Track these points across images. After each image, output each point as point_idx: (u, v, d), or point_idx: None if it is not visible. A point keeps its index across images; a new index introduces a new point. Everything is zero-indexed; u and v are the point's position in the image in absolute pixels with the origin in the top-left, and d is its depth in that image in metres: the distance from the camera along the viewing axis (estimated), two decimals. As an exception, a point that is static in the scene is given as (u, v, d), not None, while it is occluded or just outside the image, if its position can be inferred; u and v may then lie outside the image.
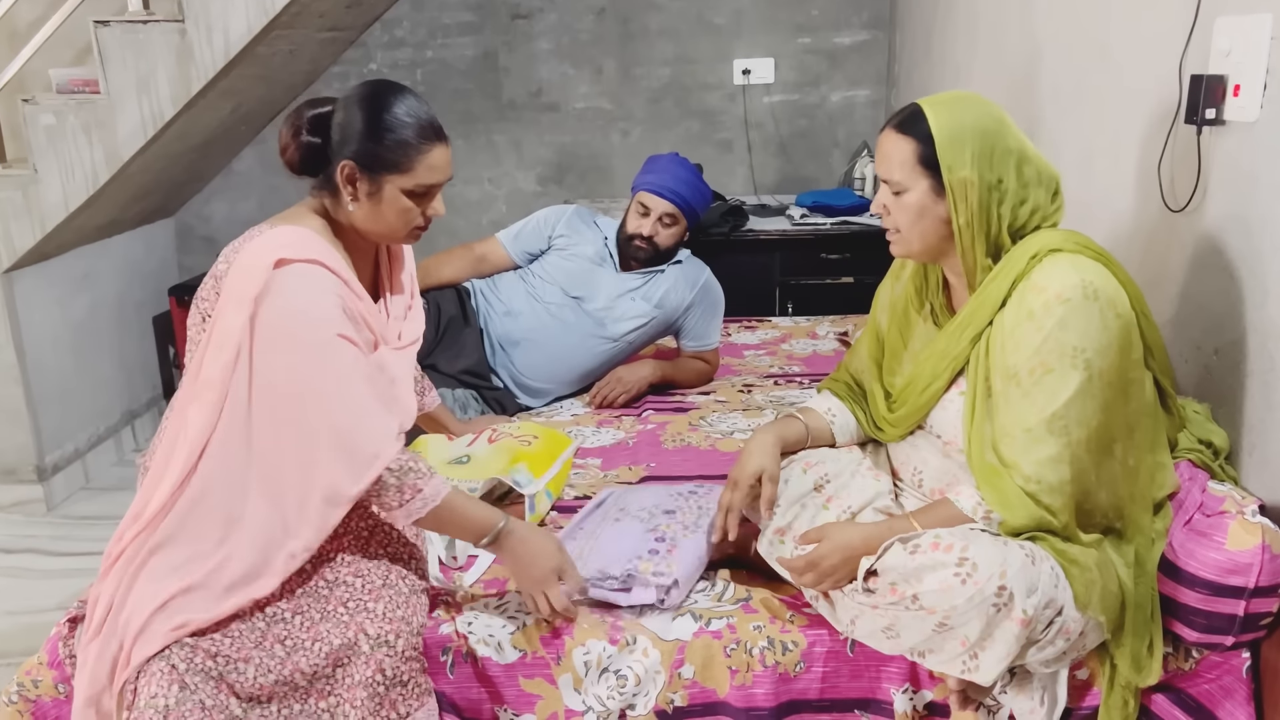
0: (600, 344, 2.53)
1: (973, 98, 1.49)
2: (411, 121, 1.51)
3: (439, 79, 4.06)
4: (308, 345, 1.43)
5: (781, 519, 1.60)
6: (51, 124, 3.03)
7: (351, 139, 1.50)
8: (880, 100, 3.99)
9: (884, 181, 1.51)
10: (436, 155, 1.53)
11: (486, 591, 1.66)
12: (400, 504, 1.46)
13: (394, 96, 1.51)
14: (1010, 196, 1.44)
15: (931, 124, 1.44)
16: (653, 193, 2.52)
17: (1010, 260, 1.45)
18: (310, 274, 1.46)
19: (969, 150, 1.42)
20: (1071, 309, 1.37)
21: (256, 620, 1.43)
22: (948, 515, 1.44)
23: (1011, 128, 1.46)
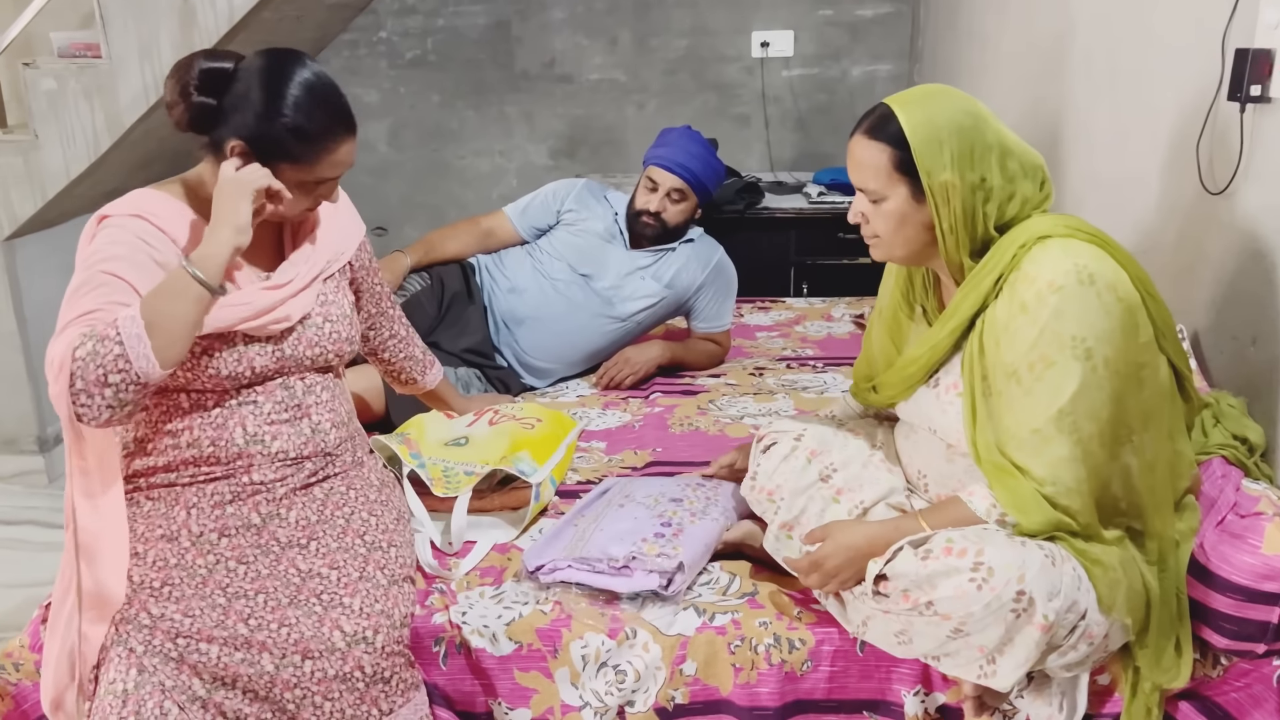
0: (608, 324, 2.46)
1: (944, 92, 1.39)
2: (318, 110, 1.39)
3: (450, 48, 3.97)
4: (87, 254, 1.36)
5: (787, 512, 1.54)
6: (52, 89, 2.96)
7: (247, 116, 1.38)
8: (903, 75, 3.88)
9: (859, 190, 1.42)
10: (343, 150, 1.43)
11: (482, 580, 1.60)
12: (118, 351, 1.24)
13: (300, 76, 1.38)
14: (996, 194, 1.36)
15: (904, 125, 1.34)
16: (661, 167, 2.44)
17: (997, 252, 1.37)
18: (124, 225, 1.39)
19: (947, 151, 1.33)
20: (1066, 297, 1.28)
21: (216, 597, 1.38)
22: (959, 516, 1.37)
23: (989, 120, 1.36)
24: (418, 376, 1.92)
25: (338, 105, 1.41)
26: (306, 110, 1.38)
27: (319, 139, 1.40)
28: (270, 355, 1.49)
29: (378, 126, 4.09)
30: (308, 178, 1.43)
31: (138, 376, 1.27)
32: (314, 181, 1.44)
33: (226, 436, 1.47)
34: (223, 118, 1.40)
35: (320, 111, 1.39)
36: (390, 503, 1.61)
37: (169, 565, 1.42)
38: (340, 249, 1.62)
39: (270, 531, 1.47)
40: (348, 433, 1.62)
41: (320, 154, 1.41)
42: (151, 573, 1.41)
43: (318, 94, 1.39)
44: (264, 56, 1.41)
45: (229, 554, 1.44)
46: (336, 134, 1.41)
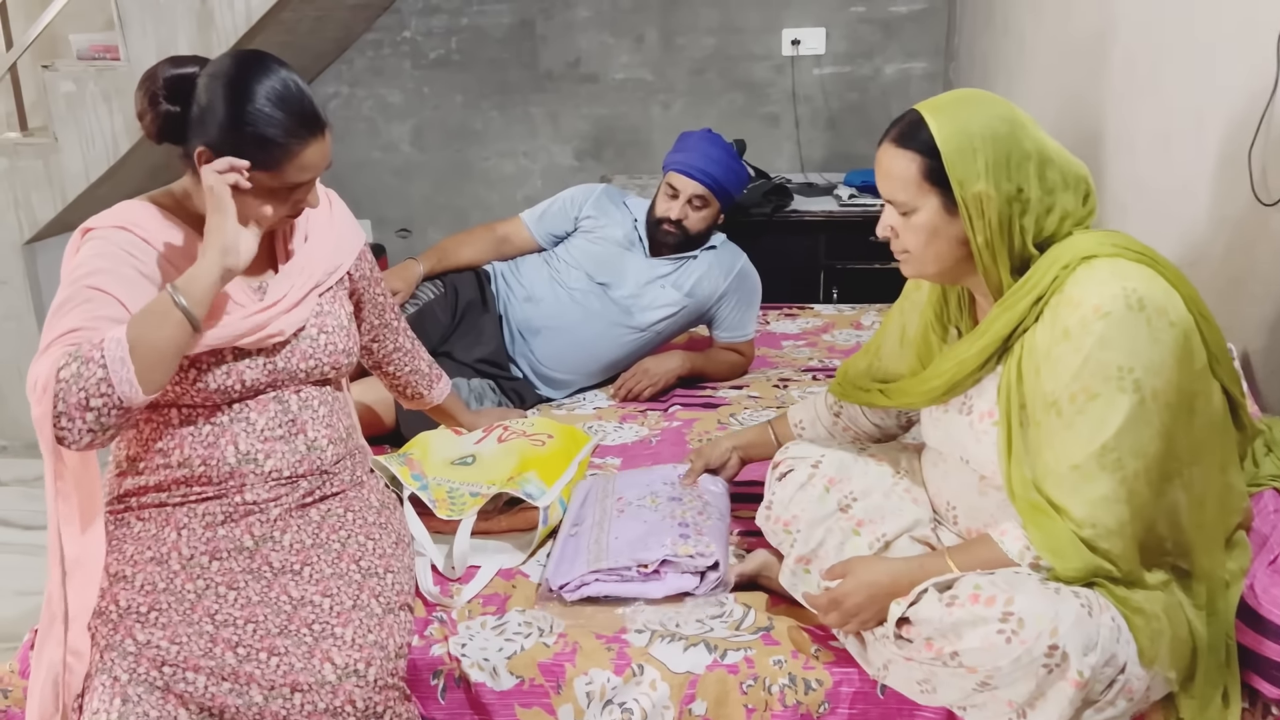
0: (626, 334, 2.38)
1: (979, 97, 1.30)
2: (280, 115, 1.31)
3: (474, 47, 3.91)
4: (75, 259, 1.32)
5: (804, 545, 1.45)
6: (71, 91, 2.95)
7: (210, 124, 1.32)
8: (938, 74, 3.76)
9: (888, 202, 1.34)
10: (310, 154, 1.36)
11: (484, 608, 1.53)
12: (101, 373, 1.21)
13: (262, 80, 1.32)
14: (1034, 206, 1.26)
15: (935, 133, 1.26)
16: (681, 173, 2.35)
17: (1036, 271, 1.27)
18: (108, 237, 1.34)
19: (981, 160, 1.24)
20: (1113, 323, 1.19)
21: (204, 624, 1.33)
22: (989, 558, 1.28)
23: (1027, 127, 1.27)
24: (424, 391, 1.85)
25: (300, 108, 1.34)
26: (267, 115, 1.32)
27: (282, 144, 1.33)
28: (261, 368, 1.44)
29: (401, 127, 4.04)
30: (278, 184, 1.36)
31: (120, 401, 1.23)
32: (286, 188, 1.38)
33: (218, 455, 1.42)
34: (190, 126, 1.35)
35: (282, 115, 1.32)
36: (390, 526, 1.55)
37: (157, 589, 1.36)
38: (338, 261, 1.56)
39: (263, 555, 1.42)
40: (346, 449, 1.56)
41: (285, 159, 1.34)
42: (139, 597, 1.36)
43: (279, 97, 1.33)
44: (227, 60, 1.36)
45: (219, 578, 1.39)
46: (300, 138, 1.34)
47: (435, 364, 1.88)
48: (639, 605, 1.53)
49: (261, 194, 1.36)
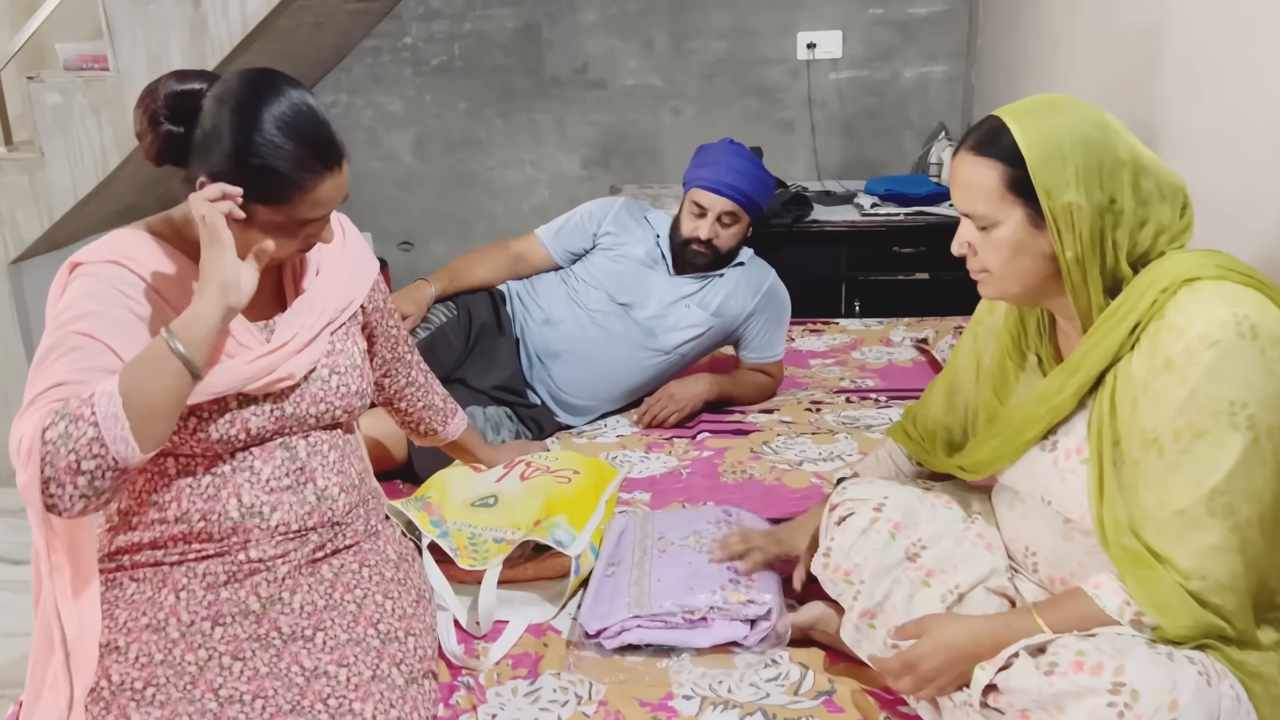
0: (650, 356, 2.25)
1: (1064, 101, 1.19)
2: (292, 146, 1.18)
3: (477, 53, 3.78)
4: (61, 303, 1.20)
5: (869, 598, 1.32)
6: (59, 103, 2.81)
7: (215, 152, 1.19)
8: (958, 77, 3.64)
9: (965, 216, 1.22)
10: (325, 188, 1.22)
11: (514, 671, 1.40)
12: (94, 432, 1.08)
13: (273, 106, 1.19)
14: (1127, 219, 1.15)
15: (1019, 139, 1.15)
16: (708, 189, 2.21)
17: (1133, 294, 1.15)
18: (98, 274, 1.21)
19: (1071, 168, 1.13)
20: (1222, 353, 1.07)
21: (207, 701, 1.20)
22: (1084, 614, 1.15)
23: (1119, 132, 1.16)
24: (438, 427, 1.72)
25: (315, 139, 1.21)
26: (278, 146, 1.18)
27: (294, 179, 1.20)
28: (268, 415, 1.30)
29: (402, 136, 3.90)
30: (287, 219, 1.23)
31: (115, 462, 1.10)
32: (297, 223, 1.24)
33: (220, 509, 1.28)
34: (193, 150, 1.22)
35: (294, 146, 1.19)
36: (409, 581, 1.41)
37: (154, 662, 1.23)
38: (351, 295, 1.43)
39: (271, 619, 1.28)
40: (359, 496, 1.42)
41: (297, 194, 1.21)
42: (134, 671, 1.22)
43: (291, 126, 1.19)
44: (237, 81, 1.22)
45: (223, 648, 1.25)
46: (315, 171, 1.21)
47: (450, 397, 1.74)
48: (684, 658, 1.40)
49: (270, 230, 1.22)
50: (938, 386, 1.50)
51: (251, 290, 1.21)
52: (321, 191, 1.22)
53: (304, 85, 1.25)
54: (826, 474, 1.96)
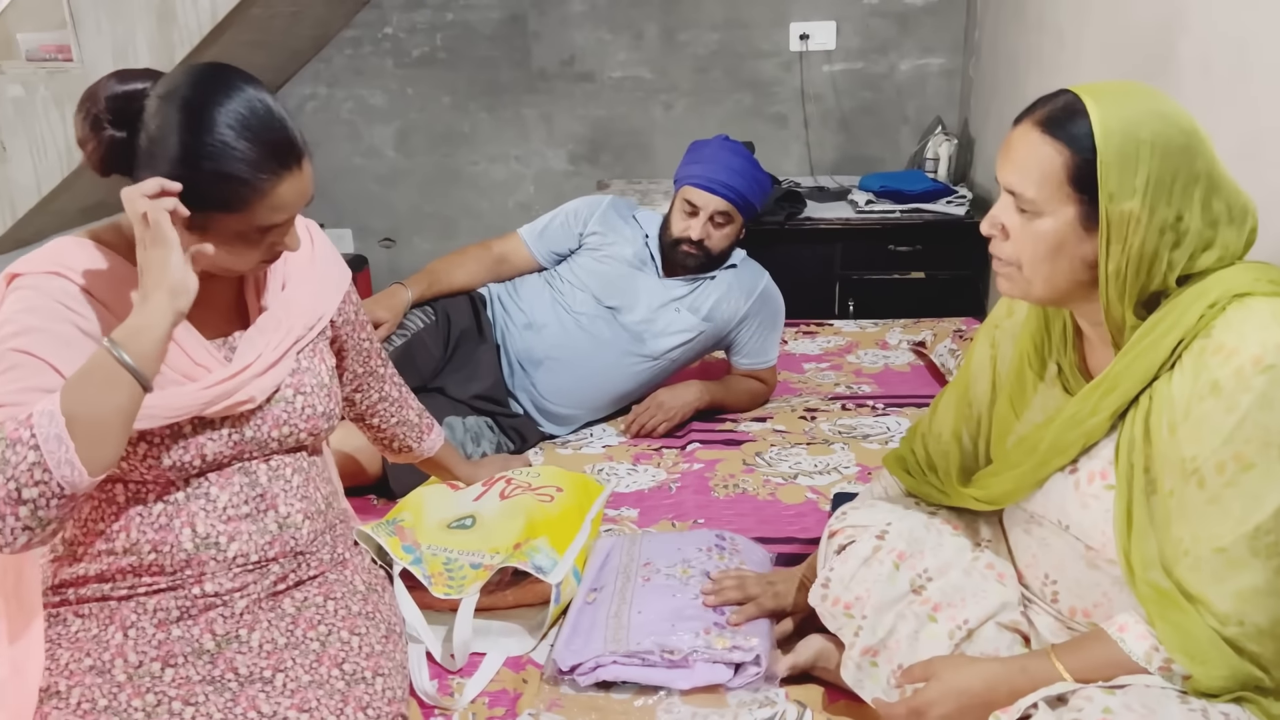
0: (638, 363, 2.15)
1: (1151, 94, 1.06)
2: (245, 147, 1.07)
3: (461, 44, 3.67)
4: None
5: (871, 634, 1.23)
6: (20, 96, 2.71)
7: (162, 157, 1.08)
8: (956, 70, 3.54)
9: (1009, 192, 1.09)
10: (285, 191, 1.12)
11: (491, 711, 1.30)
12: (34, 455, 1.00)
13: (223, 103, 1.08)
14: (1190, 240, 1.03)
15: (1097, 129, 1.01)
16: (700, 187, 2.11)
17: (1176, 309, 1.04)
18: (38, 286, 1.11)
19: (1144, 173, 1.01)
20: (1277, 379, 0.97)
21: None
22: (1108, 660, 1.06)
23: (1204, 143, 1.04)
24: (413, 444, 1.61)
25: (271, 137, 1.10)
26: (230, 147, 1.07)
27: (250, 181, 1.09)
28: (226, 439, 1.20)
29: (384, 130, 3.79)
30: (247, 227, 1.12)
31: (60, 488, 1.01)
32: (257, 230, 1.14)
33: (172, 539, 1.18)
34: (138, 156, 1.11)
35: (247, 146, 1.08)
36: (378, 614, 1.31)
37: (97, 708, 1.13)
38: (320, 310, 1.32)
39: (227, 660, 1.19)
40: (325, 523, 1.32)
41: (255, 198, 1.10)
42: (74, 718, 1.12)
43: (244, 124, 1.08)
44: (183, 78, 1.11)
45: (173, 691, 1.15)
46: (272, 173, 1.10)
47: (425, 412, 1.63)
48: (673, 696, 1.31)
49: (230, 240, 1.12)
50: (947, 399, 1.39)
51: (194, 289, 1.09)
52: (281, 194, 1.11)
53: (258, 81, 1.14)
54: (822, 488, 1.86)
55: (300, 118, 3.70)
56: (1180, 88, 1.95)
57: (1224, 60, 1.80)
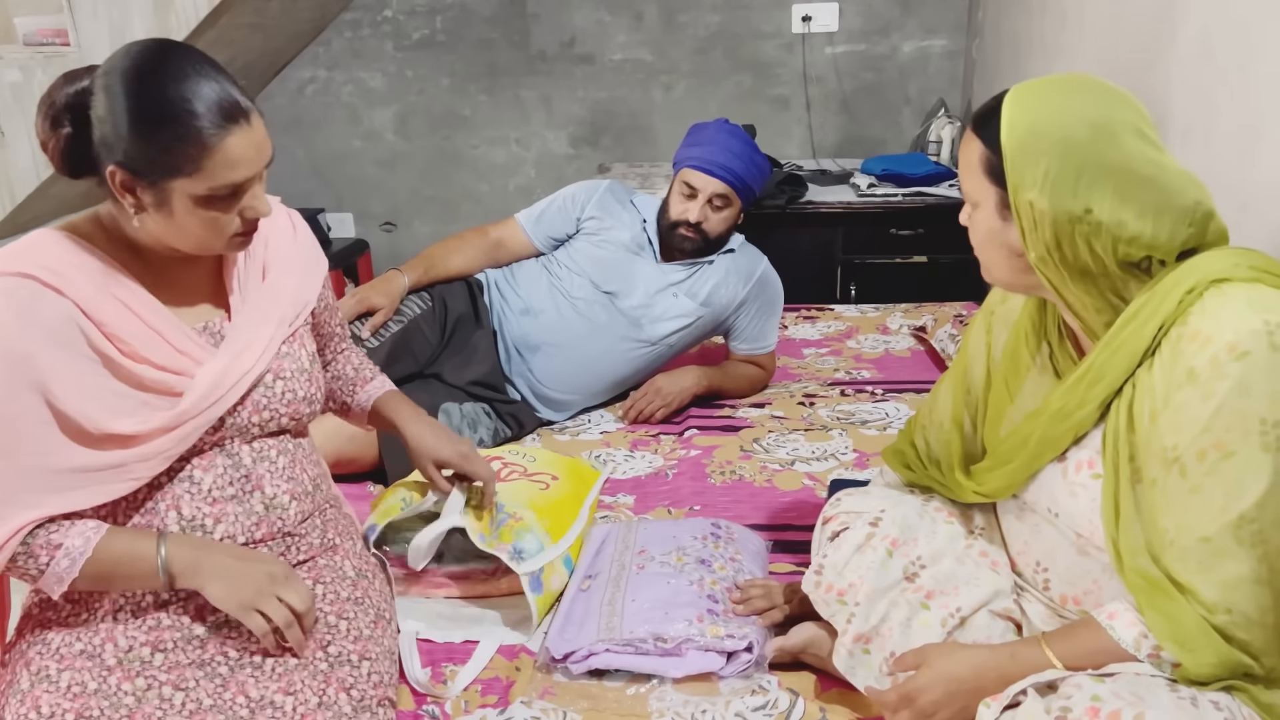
0: (636, 348, 2.14)
1: (1078, 86, 1.08)
2: (189, 104, 1.07)
3: (460, 27, 3.65)
4: None
5: (863, 621, 1.23)
6: (18, 80, 2.70)
7: (111, 134, 1.08)
8: (959, 52, 3.51)
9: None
10: (235, 145, 1.11)
11: (484, 699, 1.30)
12: (39, 570, 1.14)
13: (160, 69, 1.09)
14: (1105, 231, 1.04)
15: (1004, 123, 1.07)
16: (700, 170, 2.10)
17: (1156, 294, 1.04)
18: (11, 294, 1.08)
19: (1041, 166, 1.04)
20: (1253, 365, 0.96)
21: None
22: (1097, 647, 1.06)
23: (1120, 136, 1.04)
24: (347, 399, 1.54)
25: (211, 94, 1.10)
26: (174, 110, 1.07)
27: (199, 142, 1.08)
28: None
29: (384, 113, 3.78)
30: (207, 189, 1.11)
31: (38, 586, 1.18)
32: (223, 194, 1.12)
33: (158, 523, 1.19)
34: (96, 146, 1.11)
35: (189, 104, 1.08)
36: (367, 600, 1.32)
37: (87, 692, 1.14)
38: (305, 298, 1.33)
39: (217, 645, 1.19)
40: (314, 505, 1.32)
41: (204, 156, 1.09)
42: (64, 702, 1.12)
43: (181, 84, 1.08)
44: (119, 58, 1.11)
45: (164, 676, 1.16)
46: (217, 125, 1.09)
47: (365, 367, 1.54)
48: (666, 684, 1.31)
49: (194, 207, 1.12)
50: (946, 386, 1.39)
51: None
52: (230, 148, 1.10)
53: (193, 47, 1.14)
54: (819, 474, 1.86)
55: (300, 101, 3.70)
56: (1182, 73, 1.93)
57: (1225, 43, 1.78)
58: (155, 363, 1.16)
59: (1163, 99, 2.00)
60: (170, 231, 1.14)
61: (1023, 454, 1.18)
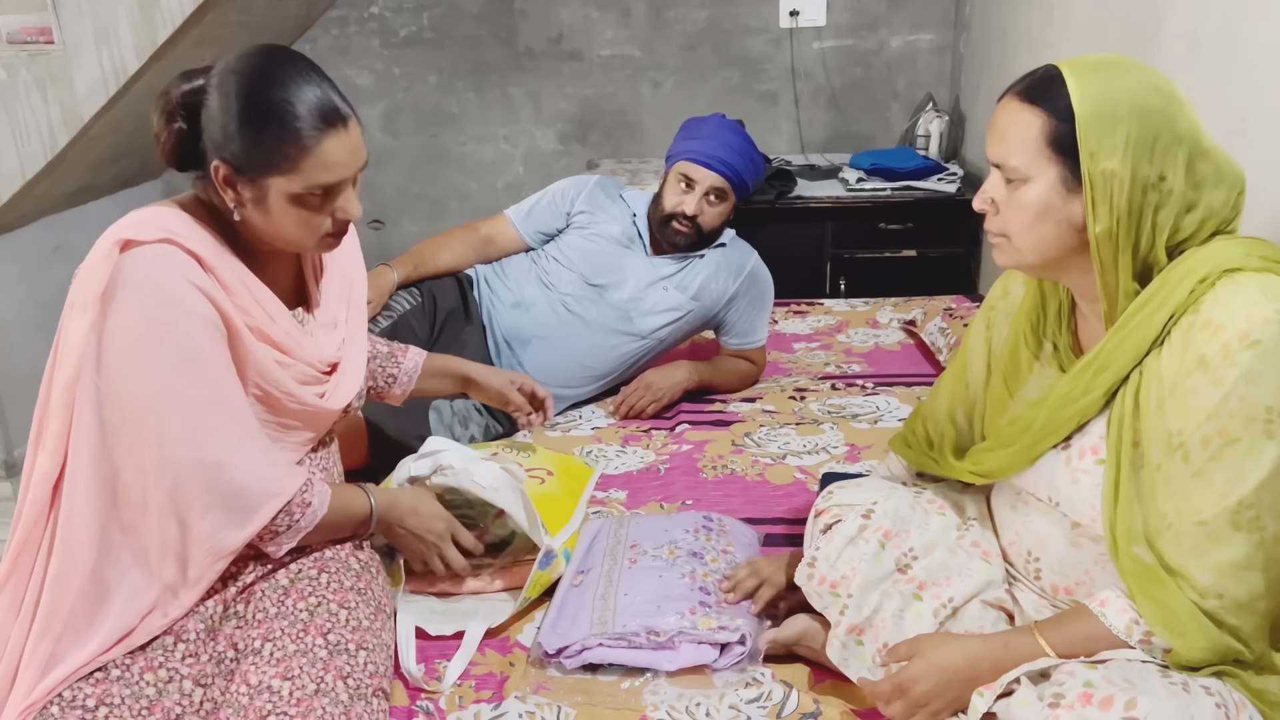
0: (626, 342, 2.14)
1: (1130, 63, 1.08)
2: (292, 107, 1.14)
3: (447, 23, 3.63)
4: (163, 357, 1.14)
5: (856, 612, 1.23)
6: (1, 79, 2.67)
7: (219, 130, 1.16)
8: (947, 46, 3.52)
9: (995, 166, 1.11)
10: (331, 149, 1.17)
11: (478, 694, 1.30)
12: (289, 525, 1.25)
13: (273, 73, 1.16)
14: (1174, 201, 1.04)
15: (1073, 93, 1.04)
16: (698, 163, 2.10)
17: (1168, 283, 1.05)
18: (166, 257, 1.15)
19: (1122, 133, 1.02)
20: (1263, 354, 0.97)
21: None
22: (1089, 634, 1.07)
23: (1185, 106, 1.05)
24: (393, 370, 1.66)
25: (314, 97, 1.16)
26: (279, 112, 1.14)
27: (299, 143, 1.15)
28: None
29: (371, 111, 3.76)
30: (303, 189, 1.17)
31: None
32: (317, 193, 1.18)
33: None
34: (205, 140, 1.18)
35: (292, 106, 1.15)
36: (370, 593, 1.32)
37: (110, 678, 1.14)
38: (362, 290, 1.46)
39: (227, 635, 1.22)
40: None
41: (302, 156, 1.16)
42: (86, 686, 1.13)
43: (293, 90, 1.15)
44: (234, 61, 1.18)
45: (185, 670, 1.17)
46: (316, 129, 1.16)
47: (395, 342, 1.70)
48: (660, 677, 1.31)
49: (289, 205, 1.18)
50: (945, 379, 1.39)
51: None
52: (327, 151, 1.16)
53: (303, 55, 1.22)
54: (810, 468, 1.86)
55: (286, 99, 3.68)
56: (1167, 63, 1.94)
57: (1211, 36, 1.79)
58: (272, 340, 1.24)
59: (1149, 91, 2.00)
60: (266, 227, 1.21)
61: (1025, 438, 1.18)
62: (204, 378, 1.16)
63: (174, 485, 1.15)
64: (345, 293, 1.42)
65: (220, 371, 1.18)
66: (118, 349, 1.13)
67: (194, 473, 1.15)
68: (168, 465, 1.14)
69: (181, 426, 1.15)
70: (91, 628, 1.14)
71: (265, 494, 1.20)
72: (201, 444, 1.16)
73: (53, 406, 1.15)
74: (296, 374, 1.28)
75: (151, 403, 1.14)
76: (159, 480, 1.15)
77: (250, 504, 1.19)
